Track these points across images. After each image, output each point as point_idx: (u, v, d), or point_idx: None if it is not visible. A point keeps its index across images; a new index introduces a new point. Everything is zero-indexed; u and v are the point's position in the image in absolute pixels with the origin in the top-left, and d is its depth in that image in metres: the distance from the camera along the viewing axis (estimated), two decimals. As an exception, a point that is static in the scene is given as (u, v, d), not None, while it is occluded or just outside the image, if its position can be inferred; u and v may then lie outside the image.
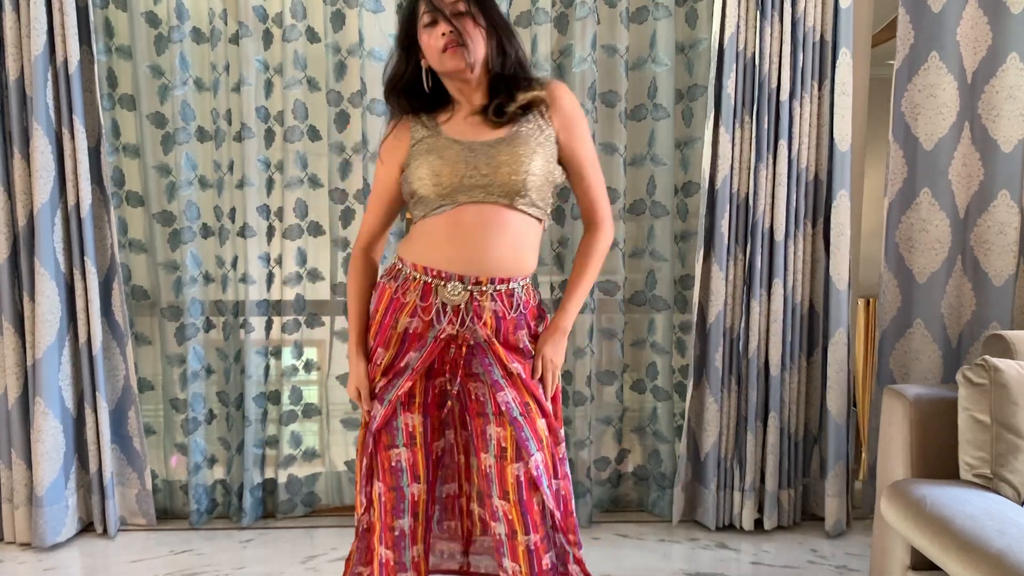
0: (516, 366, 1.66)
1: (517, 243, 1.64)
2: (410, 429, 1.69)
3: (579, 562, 1.74)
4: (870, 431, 2.89)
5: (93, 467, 2.75)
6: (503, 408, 1.64)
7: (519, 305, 1.68)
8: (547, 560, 1.68)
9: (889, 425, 2.15)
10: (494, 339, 1.65)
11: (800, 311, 2.78)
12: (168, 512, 2.98)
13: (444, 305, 1.63)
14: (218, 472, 2.98)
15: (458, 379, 1.70)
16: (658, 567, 2.55)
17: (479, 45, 1.60)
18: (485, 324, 1.64)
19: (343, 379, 2.94)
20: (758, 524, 2.82)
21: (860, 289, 3.23)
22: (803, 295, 2.78)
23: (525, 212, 1.63)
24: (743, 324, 2.74)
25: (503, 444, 1.65)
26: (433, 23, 1.60)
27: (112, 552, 2.70)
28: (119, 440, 2.85)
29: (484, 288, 1.63)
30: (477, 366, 1.67)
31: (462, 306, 1.63)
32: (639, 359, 3.00)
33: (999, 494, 1.88)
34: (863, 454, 2.99)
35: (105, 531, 2.78)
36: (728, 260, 2.73)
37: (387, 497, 1.70)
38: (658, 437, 2.96)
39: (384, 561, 1.73)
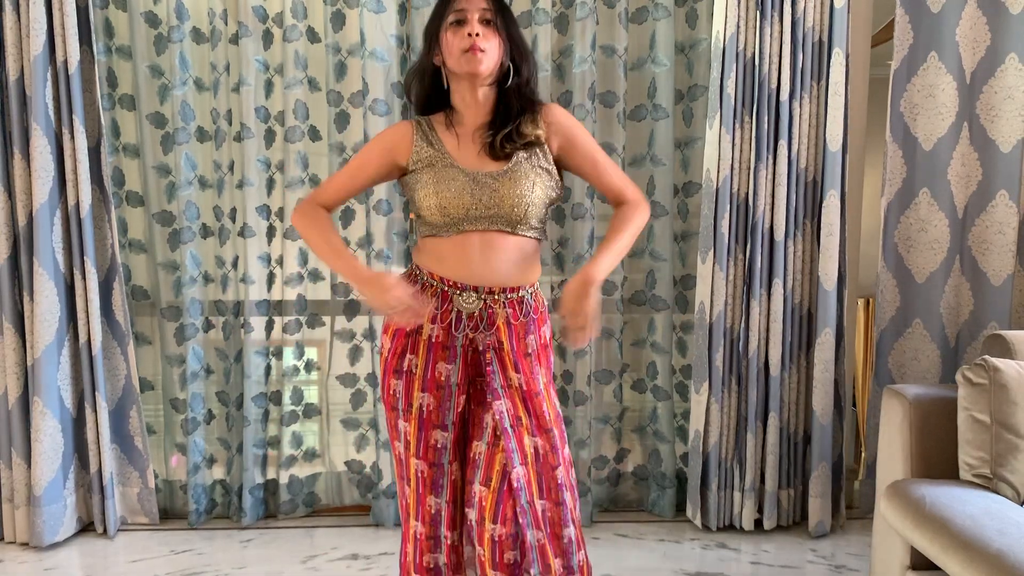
0: (519, 376, 1.71)
1: (521, 261, 1.72)
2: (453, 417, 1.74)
3: None
4: (869, 431, 2.89)
5: (93, 467, 2.75)
6: (497, 416, 1.69)
7: (528, 311, 1.74)
8: (509, 556, 1.71)
9: (889, 425, 2.15)
10: (505, 344, 1.71)
11: (799, 311, 2.79)
12: (168, 512, 2.98)
13: (460, 312, 1.69)
14: (217, 472, 2.98)
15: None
16: (658, 567, 2.56)
17: (495, 54, 1.67)
18: (498, 329, 1.71)
19: (343, 379, 2.94)
20: (758, 524, 2.82)
21: (859, 289, 3.23)
22: (802, 295, 2.79)
23: (525, 236, 1.71)
24: (743, 324, 2.75)
25: (498, 433, 1.70)
26: (459, 23, 1.66)
27: (112, 552, 2.70)
28: (120, 440, 2.85)
29: (496, 296, 1.70)
30: (482, 369, 1.73)
31: (476, 313, 1.70)
32: (639, 359, 3.01)
33: (999, 494, 1.88)
34: (863, 454, 3.00)
35: (105, 531, 2.78)
36: (728, 260, 2.73)
37: (427, 474, 1.73)
38: (658, 437, 2.96)
39: (417, 535, 1.75)
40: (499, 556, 1.70)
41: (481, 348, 1.71)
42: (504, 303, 1.71)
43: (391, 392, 1.75)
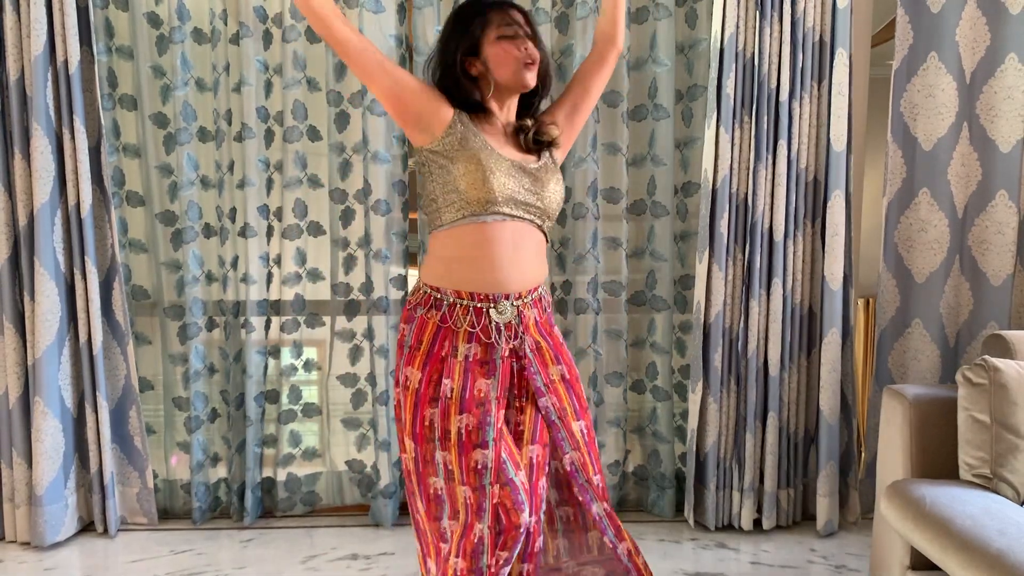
0: (560, 368, 1.78)
1: (540, 257, 1.78)
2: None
3: (630, 553, 1.81)
4: (869, 431, 2.89)
5: (93, 467, 2.76)
6: (543, 412, 1.75)
7: (546, 306, 1.82)
8: (539, 542, 1.78)
9: (889, 425, 2.16)
10: (542, 343, 1.77)
11: (799, 311, 2.79)
12: (168, 512, 2.98)
13: (497, 325, 1.71)
14: (221, 471, 2.99)
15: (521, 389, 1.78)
16: (658, 567, 2.55)
17: (538, 67, 1.76)
18: (530, 332, 1.76)
19: (344, 379, 2.94)
20: (757, 524, 2.83)
21: (860, 289, 3.24)
22: (802, 295, 2.79)
23: (544, 231, 1.79)
24: (742, 324, 2.75)
25: (520, 428, 1.76)
26: (510, 37, 1.71)
27: (112, 552, 2.70)
28: (120, 440, 2.85)
29: (525, 299, 1.75)
30: (523, 373, 1.77)
31: (513, 321, 1.72)
32: (639, 359, 3.01)
33: (999, 494, 1.89)
34: (862, 454, 3.00)
35: (106, 530, 2.78)
36: (728, 260, 2.73)
37: (472, 500, 1.66)
38: (657, 437, 2.96)
39: (458, 572, 1.66)
40: (531, 546, 1.77)
41: (522, 354, 1.74)
42: (531, 303, 1.76)
43: (426, 424, 1.69)
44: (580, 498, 1.77)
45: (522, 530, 1.66)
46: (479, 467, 1.65)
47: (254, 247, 2.85)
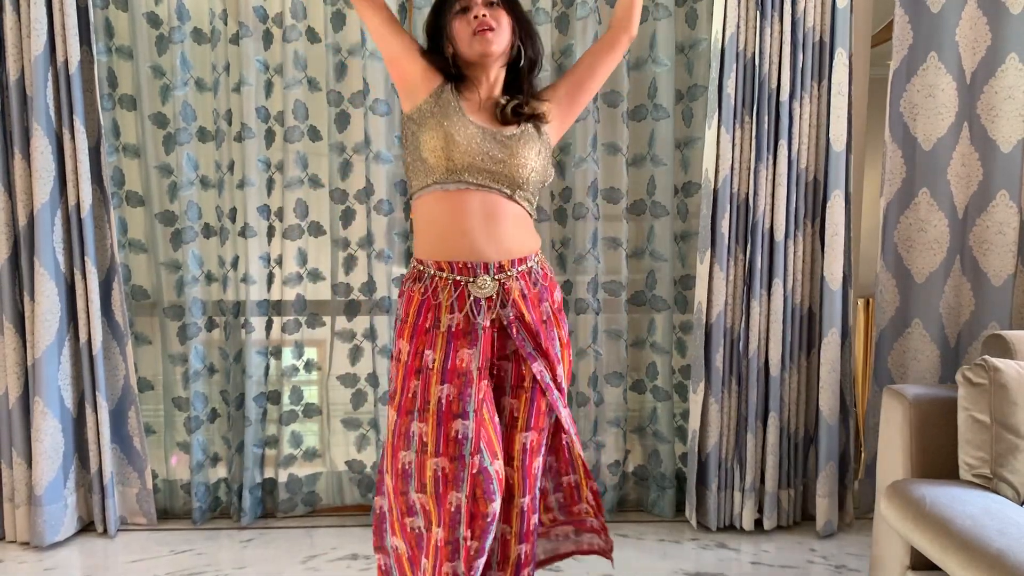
0: (540, 341, 1.80)
1: (520, 229, 1.78)
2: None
3: (595, 493, 1.91)
4: (867, 430, 2.89)
5: (93, 467, 2.76)
6: (536, 376, 1.77)
7: (538, 280, 1.80)
8: (535, 519, 1.82)
9: (888, 425, 2.16)
10: (526, 315, 1.77)
11: (800, 311, 2.79)
12: (168, 512, 2.98)
13: (477, 299, 1.73)
14: (221, 471, 2.99)
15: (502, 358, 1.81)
16: (658, 567, 2.56)
17: (506, 33, 1.74)
18: (515, 304, 1.76)
19: (344, 379, 2.94)
20: (758, 524, 2.82)
21: (859, 289, 3.23)
22: (803, 295, 2.79)
23: (520, 204, 1.77)
24: (743, 324, 2.75)
25: (515, 414, 1.79)
26: (465, 10, 1.73)
27: (112, 552, 2.70)
28: (119, 440, 2.85)
29: (509, 272, 1.75)
30: (510, 346, 1.78)
31: (494, 295, 1.73)
32: (639, 359, 3.01)
33: (999, 494, 1.88)
34: (862, 454, 3.00)
35: (105, 530, 2.78)
36: (728, 260, 2.73)
37: (448, 469, 1.67)
38: (658, 437, 2.96)
39: (438, 542, 1.69)
40: (527, 525, 1.80)
41: (506, 323, 1.75)
42: (516, 276, 1.76)
43: (410, 395, 1.71)
44: (537, 471, 1.83)
45: (490, 519, 1.67)
46: (459, 437, 1.67)
47: (254, 247, 2.85)
